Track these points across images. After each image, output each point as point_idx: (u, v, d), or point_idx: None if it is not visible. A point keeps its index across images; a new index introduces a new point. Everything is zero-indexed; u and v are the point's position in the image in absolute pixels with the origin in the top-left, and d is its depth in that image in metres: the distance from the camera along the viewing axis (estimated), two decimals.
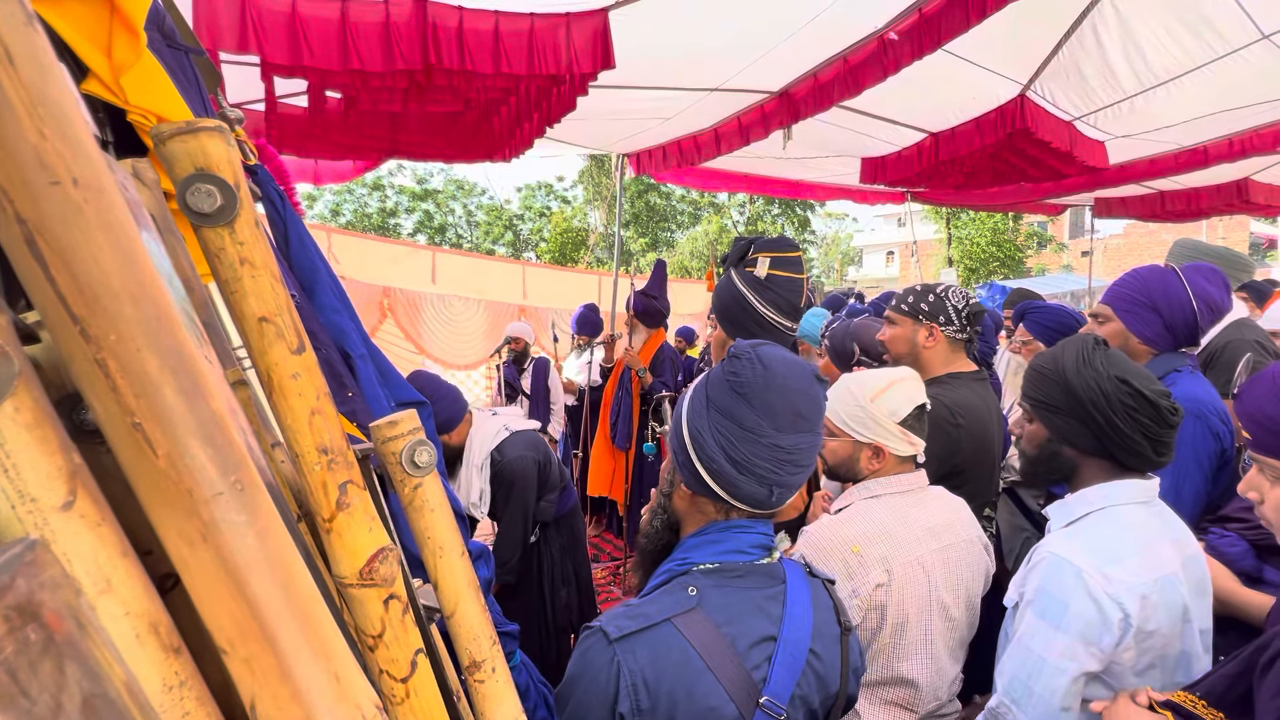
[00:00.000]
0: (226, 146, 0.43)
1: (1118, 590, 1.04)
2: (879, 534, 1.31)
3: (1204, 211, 5.78)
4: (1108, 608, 1.03)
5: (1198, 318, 1.65)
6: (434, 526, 0.56)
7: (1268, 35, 2.97)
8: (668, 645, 0.84)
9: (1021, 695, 1.10)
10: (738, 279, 1.74)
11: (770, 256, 1.70)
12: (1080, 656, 1.05)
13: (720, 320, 1.81)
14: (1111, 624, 1.03)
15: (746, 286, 1.72)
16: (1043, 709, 1.08)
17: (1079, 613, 1.05)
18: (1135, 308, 1.71)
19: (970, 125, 3.90)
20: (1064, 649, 1.06)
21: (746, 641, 0.87)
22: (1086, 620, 1.04)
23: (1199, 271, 1.72)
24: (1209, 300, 1.66)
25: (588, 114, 3.33)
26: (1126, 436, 1.11)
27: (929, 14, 2.66)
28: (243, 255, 0.42)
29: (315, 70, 2.26)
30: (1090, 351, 1.17)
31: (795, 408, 0.89)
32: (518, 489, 2.42)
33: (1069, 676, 1.06)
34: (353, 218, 22.55)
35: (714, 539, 0.95)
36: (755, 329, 1.72)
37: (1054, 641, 1.06)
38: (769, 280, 1.70)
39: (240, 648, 0.30)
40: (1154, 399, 1.10)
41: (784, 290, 1.72)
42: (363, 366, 1.17)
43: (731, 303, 1.75)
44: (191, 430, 0.30)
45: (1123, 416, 1.11)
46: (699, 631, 0.85)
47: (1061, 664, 1.06)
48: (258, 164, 1.14)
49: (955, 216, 17.52)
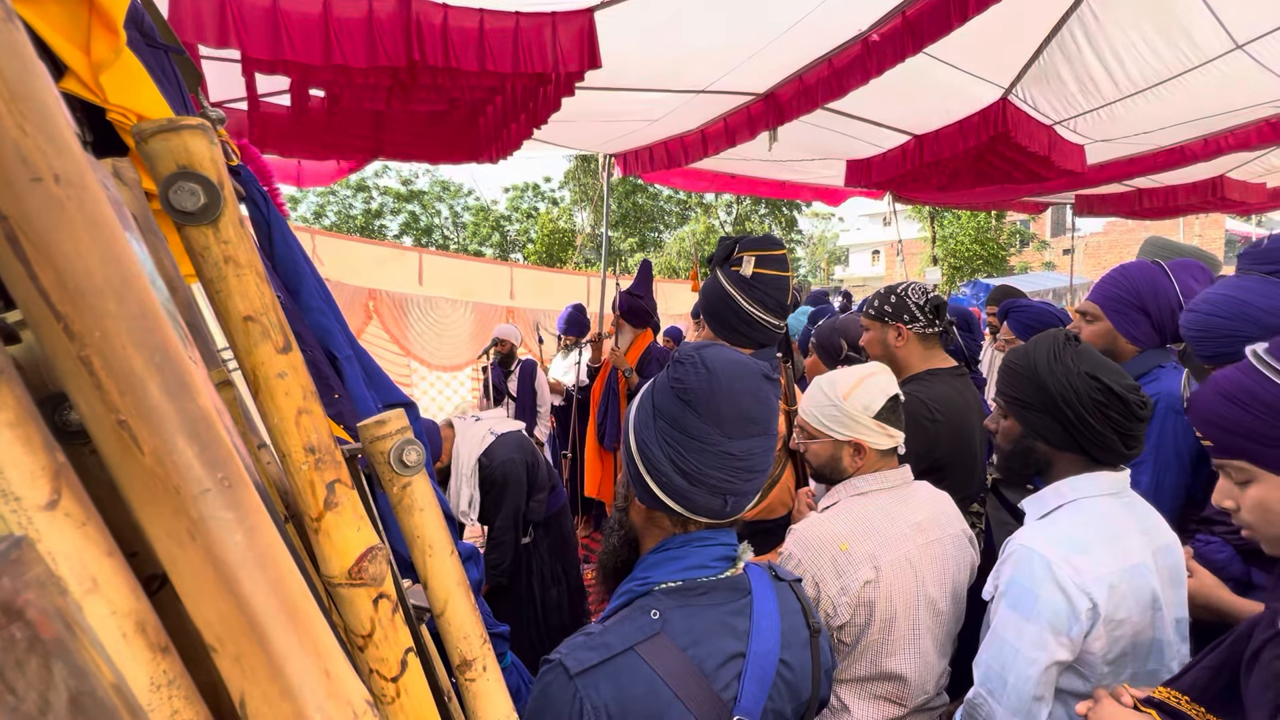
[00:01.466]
0: (209, 144, 0.42)
1: (1085, 580, 1.06)
2: (866, 531, 1.32)
3: (1181, 209, 5.90)
4: (1076, 597, 1.05)
5: None
6: (423, 526, 0.56)
7: (1241, 45, 3.04)
8: (632, 676, 0.79)
9: (996, 686, 1.12)
10: (724, 279, 1.74)
11: (755, 255, 1.70)
12: (1050, 646, 1.07)
13: (707, 320, 1.81)
14: (1080, 613, 1.05)
15: (733, 286, 1.72)
16: (1016, 699, 1.09)
17: (1048, 603, 1.06)
18: (1124, 308, 1.72)
19: (954, 128, 3.95)
20: (1034, 639, 1.07)
21: (714, 662, 0.84)
22: (1055, 610, 1.06)
23: (1186, 270, 1.73)
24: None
25: (575, 115, 3.33)
26: (1097, 431, 1.13)
27: (911, 17, 2.69)
28: (227, 254, 0.42)
29: (297, 65, 2.23)
30: (1061, 348, 1.19)
31: (743, 412, 0.85)
32: (509, 492, 2.42)
33: (1040, 666, 1.07)
34: (337, 219, 22.35)
35: (674, 555, 0.90)
36: (743, 328, 1.72)
37: (1025, 632, 1.08)
38: (755, 279, 1.70)
39: (229, 645, 0.30)
40: (1123, 394, 1.12)
41: (770, 288, 1.71)
42: (349, 368, 1.16)
43: (718, 302, 1.75)
44: (178, 427, 0.30)
45: (1093, 412, 1.13)
46: (664, 658, 0.81)
47: (1033, 654, 1.08)
48: (240, 164, 1.13)
49: (939, 215, 17.71)
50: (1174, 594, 1.18)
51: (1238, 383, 0.87)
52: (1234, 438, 0.85)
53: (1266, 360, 0.85)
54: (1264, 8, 2.80)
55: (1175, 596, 1.18)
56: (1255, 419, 0.83)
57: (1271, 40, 3.01)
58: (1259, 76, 3.33)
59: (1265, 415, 0.82)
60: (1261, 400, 0.83)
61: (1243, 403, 0.85)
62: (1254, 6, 2.80)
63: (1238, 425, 0.85)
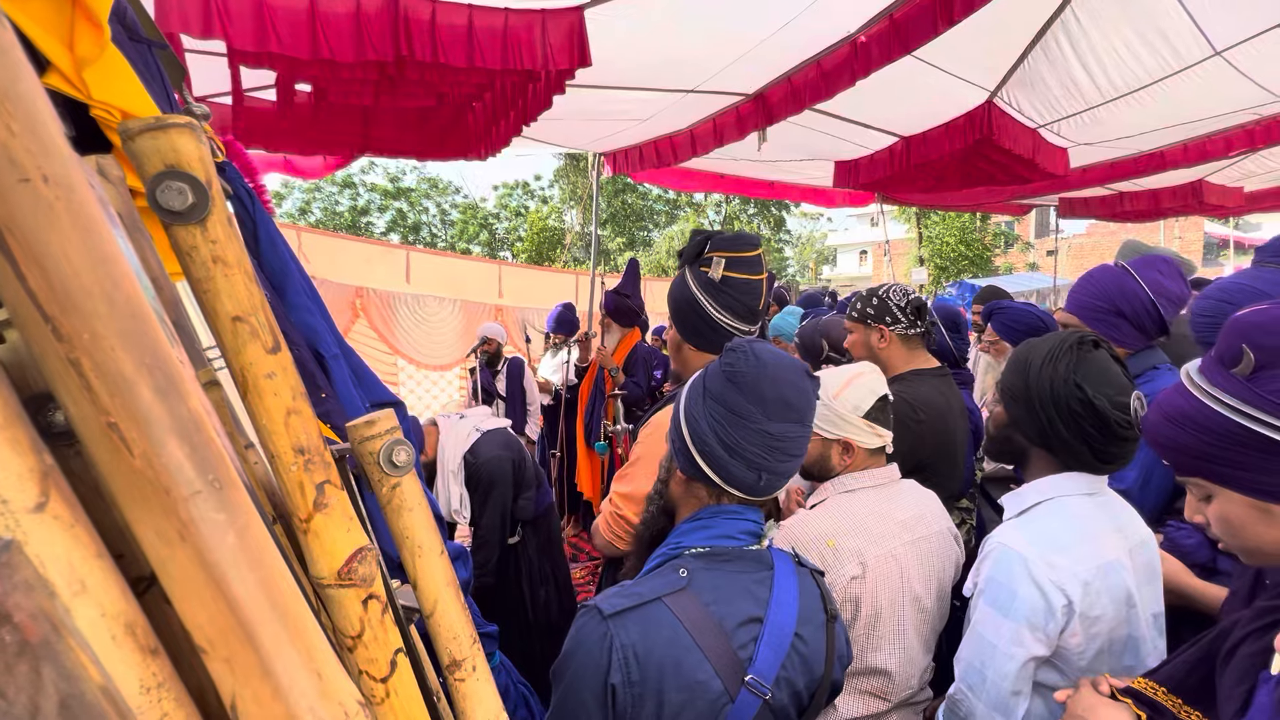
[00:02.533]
0: (198, 143, 0.42)
1: (1061, 577, 1.08)
2: (853, 527, 1.33)
3: (1162, 212, 6.00)
4: (1052, 594, 1.07)
5: (1161, 311, 1.70)
6: (412, 526, 0.56)
7: (1220, 51, 3.09)
8: (658, 622, 0.87)
9: (976, 682, 1.14)
10: (692, 280, 1.59)
11: (726, 257, 1.55)
12: (1028, 642, 1.09)
13: (674, 322, 1.67)
14: (1056, 610, 1.07)
15: (700, 289, 1.57)
16: (995, 694, 1.11)
17: (1025, 599, 1.08)
18: (1101, 315, 1.73)
19: (940, 130, 3.99)
20: (1012, 635, 1.09)
21: (733, 621, 0.91)
22: (1032, 607, 1.08)
23: (1151, 266, 1.74)
24: (1166, 294, 1.70)
25: (564, 113, 3.32)
26: (1065, 439, 1.14)
27: (899, 19, 2.71)
28: (215, 254, 0.42)
29: (283, 59, 2.21)
30: (1063, 351, 1.17)
31: (784, 397, 0.94)
32: (496, 489, 2.41)
33: (1018, 662, 1.09)
34: (323, 216, 22.12)
35: (705, 524, 0.99)
36: (709, 333, 1.59)
37: (1003, 628, 1.10)
38: (724, 283, 1.55)
39: (220, 647, 0.30)
40: (1104, 411, 1.10)
41: (740, 294, 1.56)
42: (336, 367, 1.15)
43: (684, 306, 1.61)
44: (168, 429, 0.30)
45: (1066, 420, 1.13)
46: (688, 610, 0.88)
47: (1010, 650, 1.10)
48: (226, 161, 1.11)
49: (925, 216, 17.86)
50: (1149, 590, 1.20)
51: (1176, 405, 0.86)
52: (1185, 458, 0.85)
53: (1196, 381, 0.85)
54: (1242, 15, 2.86)
55: (1151, 593, 1.20)
56: (1195, 439, 0.83)
57: (1249, 47, 3.07)
58: (1236, 83, 3.39)
59: (1203, 435, 0.82)
60: (1196, 422, 0.82)
61: (1183, 425, 0.84)
62: (1232, 14, 2.85)
63: (1184, 447, 0.84)
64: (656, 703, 0.85)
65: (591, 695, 0.85)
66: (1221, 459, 0.81)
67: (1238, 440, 0.78)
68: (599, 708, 0.84)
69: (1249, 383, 0.78)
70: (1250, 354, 0.77)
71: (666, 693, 0.85)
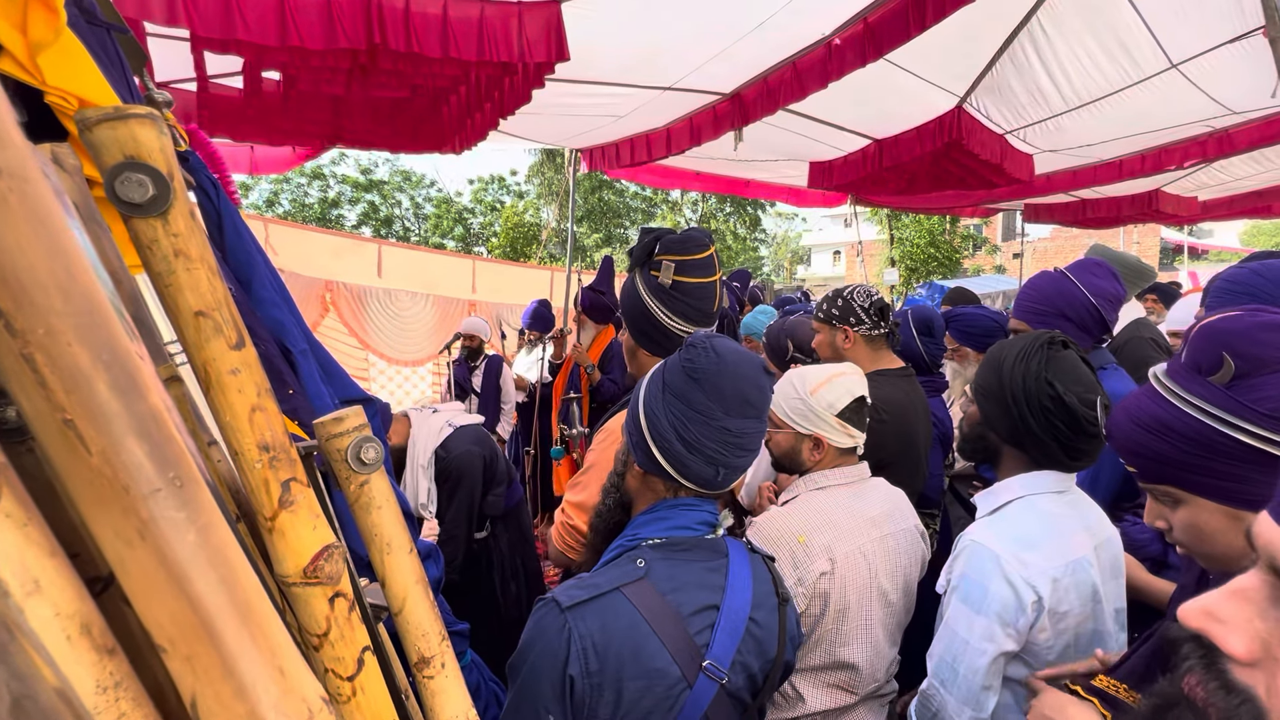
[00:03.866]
0: (158, 134, 0.41)
1: (1031, 574, 1.11)
2: (823, 524, 1.36)
3: (1121, 219, 6.21)
4: (1022, 591, 1.10)
5: (1101, 311, 1.77)
6: (381, 524, 0.55)
7: (1176, 64, 3.22)
8: (616, 612, 0.88)
9: (948, 676, 1.17)
10: (641, 284, 1.53)
11: (675, 261, 1.48)
12: (999, 638, 1.12)
13: (626, 324, 1.61)
14: (1026, 606, 1.10)
15: (650, 294, 1.51)
16: (966, 689, 1.14)
17: (997, 596, 1.11)
18: (1046, 319, 1.80)
19: (911, 133, 4.06)
20: (984, 631, 1.12)
21: (690, 609, 0.92)
22: (1004, 603, 1.11)
23: (1085, 269, 1.82)
24: (1104, 294, 1.77)
25: (541, 108, 3.30)
26: (1036, 436, 1.17)
27: (873, 23, 2.75)
28: (177, 248, 0.41)
29: (250, 46, 2.14)
30: (1034, 350, 1.20)
31: (743, 394, 0.95)
32: (464, 484, 2.39)
33: (989, 657, 1.12)
34: (291, 208, 21.58)
35: (662, 515, 1.00)
36: (661, 339, 1.53)
37: (975, 624, 1.13)
38: (675, 288, 1.48)
39: (181, 645, 0.29)
40: (1074, 408, 1.14)
41: (692, 298, 1.50)
42: (304, 363, 1.13)
43: (634, 311, 1.55)
44: (127, 426, 0.29)
45: (1037, 416, 1.16)
46: (646, 599, 0.89)
47: (982, 645, 1.13)
48: (189, 150, 1.08)
49: (896, 218, 18.17)
50: (1113, 586, 1.24)
51: (1147, 409, 0.84)
52: (1155, 465, 0.83)
53: (1166, 383, 0.83)
54: (1197, 30, 2.97)
55: (1114, 588, 1.24)
56: (1169, 446, 0.81)
57: (1203, 61, 3.19)
58: (1191, 95, 3.53)
59: (1178, 442, 0.80)
60: (1172, 429, 0.80)
61: (1155, 431, 0.82)
62: (1188, 28, 2.96)
63: (1154, 453, 0.82)
64: (615, 692, 0.86)
65: (550, 686, 0.85)
66: (1199, 468, 0.79)
67: (1215, 449, 0.77)
68: (557, 699, 0.85)
69: (1229, 391, 0.77)
70: (1230, 362, 0.76)
71: (625, 681, 0.86)
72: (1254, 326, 0.78)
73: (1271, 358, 0.76)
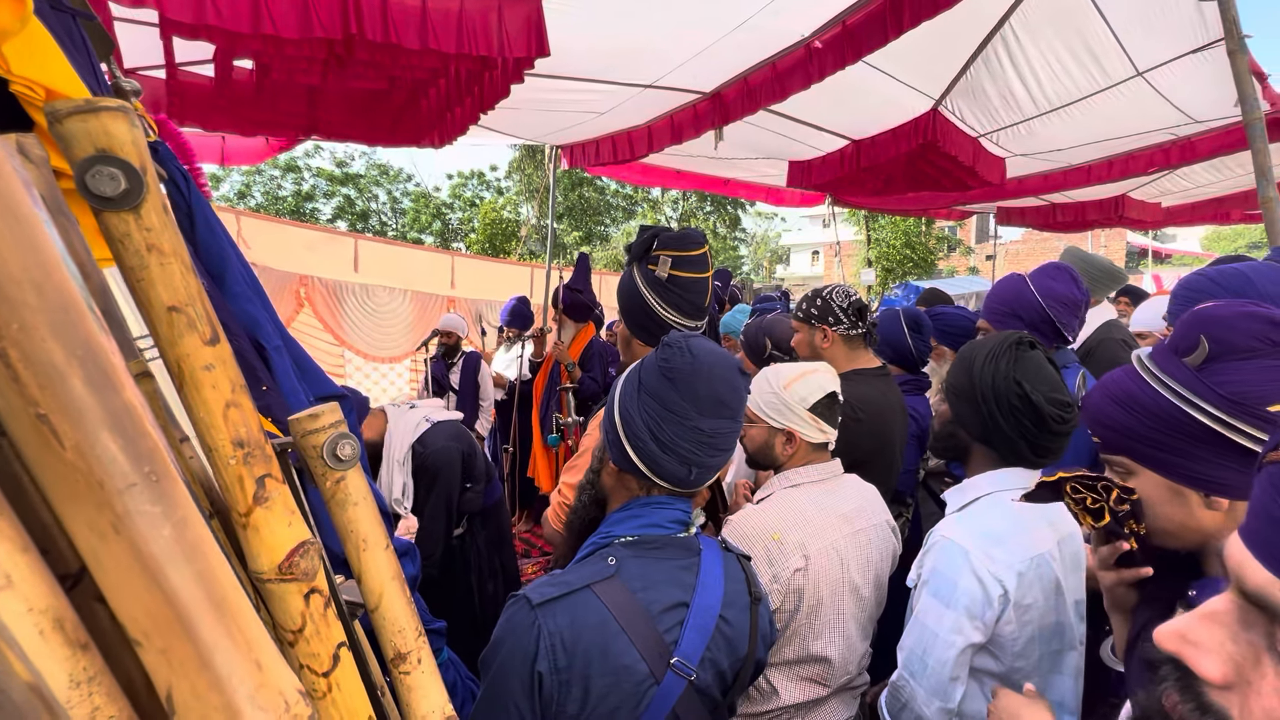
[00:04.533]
0: (131, 127, 0.41)
1: (998, 569, 1.15)
2: (797, 521, 1.38)
3: (1089, 223, 6.38)
4: (990, 585, 1.14)
5: (1052, 314, 1.82)
6: (357, 520, 0.55)
7: (1141, 72, 3.31)
8: (586, 609, 0.89)
9: (918, 668, 1.20)
10: (639, 277, 1.62)
11: (673, 256, 1.59)
12: (967, 630, 1.16)
13: (622, 315, 1.71)
14: (993, 600, 1.14)
15: (647, 287, 1.60)
16: (935, 680, 1.18)
17: (966, 590, 1.15)
18: (1003, 319, 1.88)
19: (888, 135, 4.12)
20: (953, 624, 1.16)
21: (660, 606, 0.93)
22: (972, 597, 1.15)
23: (1043, 273, 1.88)
24: (1056, 296, 1.82)
25: (521, 103, 3.28)
26: (1005, 434, 1.22)
27: (852, 26, 2.79)
28: (150, 242, 0.41)
29: (222, 32, 2.08)
30: (1003, 350, 1.25)
31: (718, 395, 0.96)
32: (441, 480, 2.36)
33: (957, 649, 1.16)
34: (264, 200, 21.12)
35: (635, 514, 1.01)
36: (655, 329, 1.62)
37: (944, 618, 1.17)
38: (670, 281, 1.59)
39: (156, 639, 0.29)
40: (1040, 406, 1.18)
41: (686, 292, 1.60)
42: (278, 359, 1.12)
43: (632, 302, 1.64)
44: (102, 421, 0.29)
45: (1006, 415, 1.20)
46: (616, 597, 0.90)
47: (951, 638, 1.16)
48: (158, 140, 1.06)
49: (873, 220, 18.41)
50: (1074, 579, 1.28)
51: (1123, 385, 0.89)
52: (1117, 436, 0.89)
53: (1148, 365, 0.88)
54: (1162, 39, 3.07)
55: (1075, 581, 1.29)
56: (1135, 420, 0.85)
57: (1167, 70, 3.29)
58: (1156, 103, 3.64)
59: (1144, 418, 0.84)
60: (1141, 404, 0.85)
61: (1126, 405, 0.87)
62: (1153, 38, 3.05)
63: (1120, 425, 0.88)
64: (583, 688, 0.86)
65: (518, 682, 0.86)
66: (1153, 441, 0.84)
67: (1175, 426, 0.81)
68: (525, 695, 0.86)
69: (1198, 373, 0.81)
70: (1206, 344, 0.80)
71: (593, 678, 0.87)
72: (1235, 314, 0.81)
73: (1243, 344, 0.79)
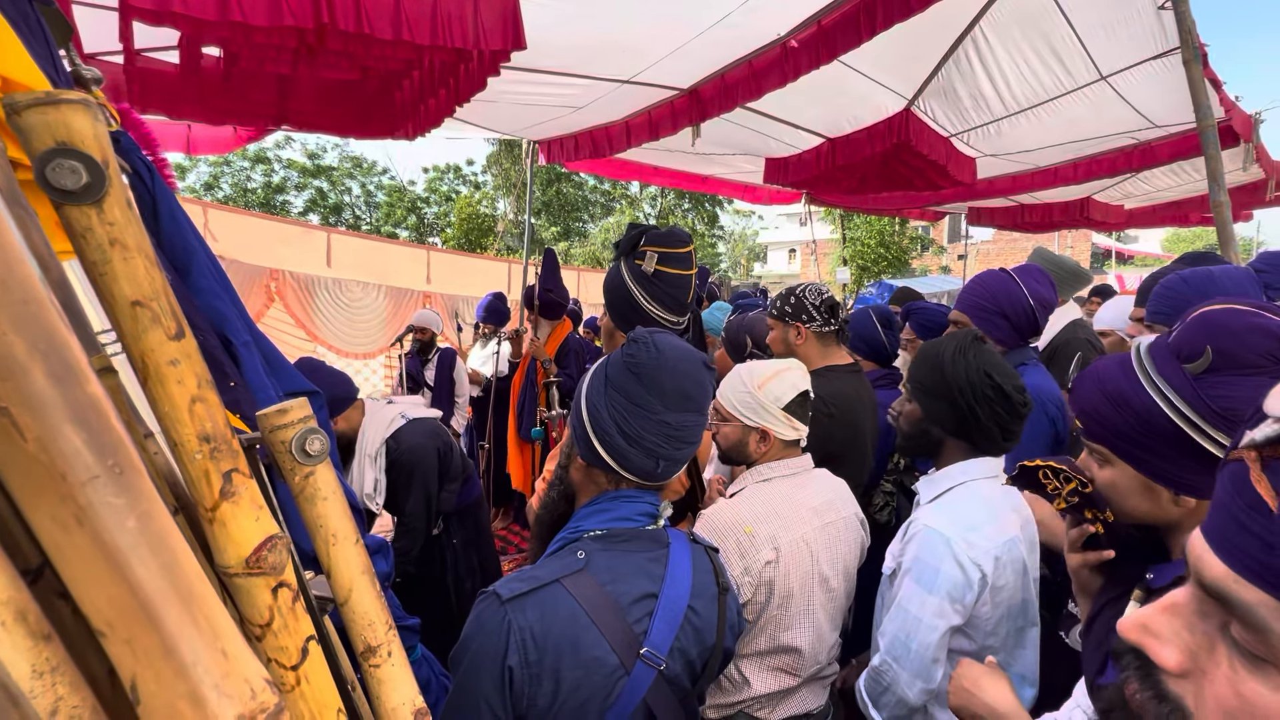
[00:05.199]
0: (93, 121, 0.40)
1: (977, 554, 1.20)
2: (768, 515, 1.41)
3: (1055, 224, 6.56)
4: (970, 570, 1.19)
5: (1035, 315, 1.89)
6: (327, 515, 0.55)
7: (1105, 76, 3.41)
8: (555, 603, 0.90)
9: (901, 653, 1.25)
10: (626, 272, 1.68)
11: (659, 252, 1.65)
12: (948, 614, 1.21)
13: (608, 310, 1.77)
14: (973, 583, 1.20)
15: (634, 281, 1.66)
16: (919, 662, 1.23)
17: (948, 576, 1.20)
18: (986, 314, 1.92)
19: (862, 133, 4.18)
20: (936, 609, 1.21)
21: (629, 598, 0.94)
22: (954, 582, 1.20)
23: (1030, 274, 1.95)
24: (1041, 299, 1.90)
25: (497, 96, 3.26)
26: (982, 423, 1.27)
27: (827, 26, 2.82)
28: (113, 236, 0.40)
29: (187, 19, 2.02)
30: (967, 345, 1.31)
31: (683, 389, 0.98)
32: (418, 477, 2.34)
33: (939, 632, 1.21)
34: (232, 192, 20.59)
35: (604, 507, 1.02)
36: (641, 323, 1.65)
37: (927, 603, 1.21)
38: (656, 276, 1.65)
39: (120, 629, 0.30)
40: (1010, 393, 1.26)
41: (671, 287, 1.66)
42: (246, 354, 1.10)
43: (618, 296, 1.70)
44: (64, 414, 0.29)
45: (983, 405, 1.26)
46: (585, 590, 0.91)
47: (934, 622, 1.21)
48: (120, 130, 1.04)
49: (848, 219, 18.64)
50: (1033, 558, 1.36)
51: (1116, 382, 0.87)
52: (1100, 429, 0.89)
53: (1145, 365, 0.84)
54: (1124, 45, 3.16)
55: (1033, 560, 1.36)
56: (1121, 419, 0.84)
57: (1129, 75, 3.40)
58: (1119, 107, 3.75)
59: (1130, 417, 0.83)
60: (1130, 404, 0.84)
61: (1115, 402, 0.86)
62: (1116, 42, 3.15)
63: (1105, 420, 0.87)
64: (553, 681, 0.87)
65: (489, 678, 0.87)
66: (1138, 442, 0.83)
67: (1160, 432, 0.80)
68: (496, 690, 0.86)
69: (1195, 382, 0.78)
70: (1210, 355, 0.77)
71: (563, 670, 0.88)
72: (1246, 327, 0.78)
73: (1249, 360, 0.76)
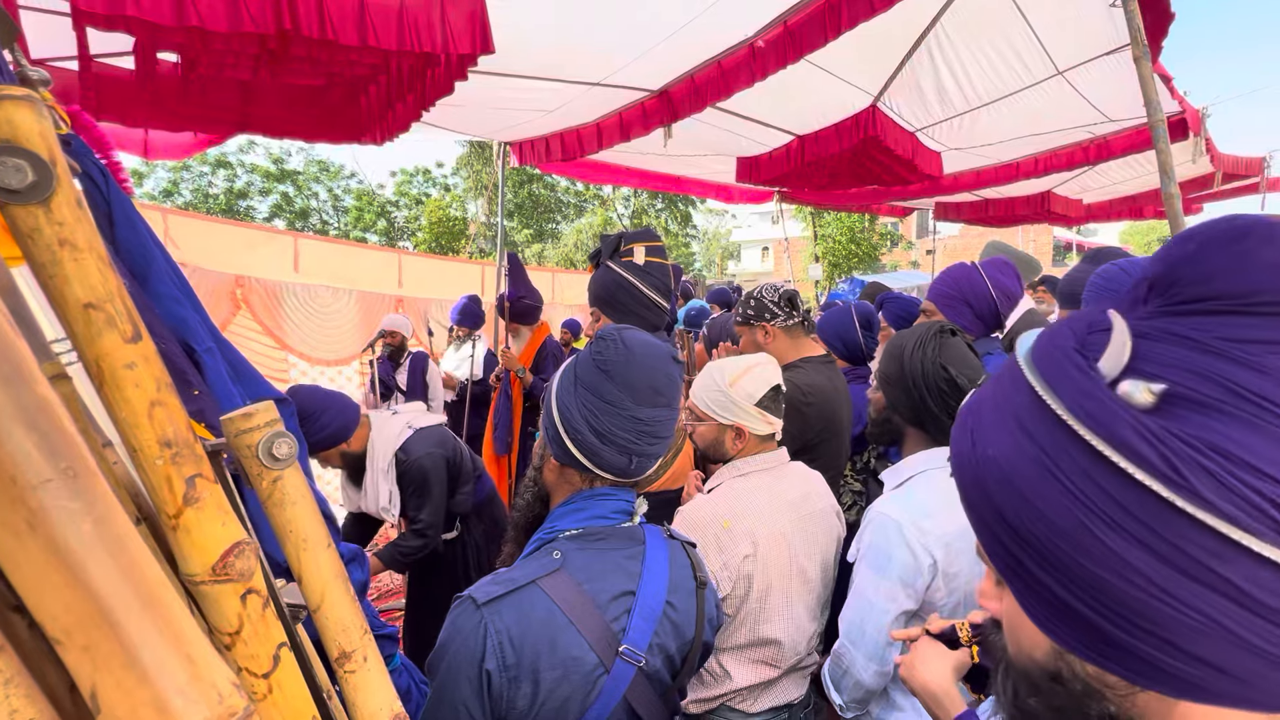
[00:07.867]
0: (37, 118, 0.39)
1: (929, 540, 1.22)
2: (746, 509, 1.42)
3: (1018, 219, 6.73)
4: (920, 555, 1.22)
5: (998, 305, 1.95)
6: (296, 520, 0.54)
7: (1061, 71, 3.52)
8: (532, 604, 0.89)
9: (856, 636, 1.27)
10: (619, 268, 1.82)
11: (644, 246, 1.83)
12: (900, 598, 1.23)
13: (604, 309, 1.86)
14: (924, 568, 1.22)
15: (629, 273, 1.81)
16: (872, 645, 1.25)
17: (899, 560, 1.22)
18: (952, 303, 1.99)
19: (831, 130, 4.24)
20: (888, 593, 1.23)
21: (607, 596, 0.94)
22: (904, 566, 1.22)
23: (994, 266, 2.03)
24: (1005, 290, 1.97)
25: (467, 100, 3.23)
26: (935, 415, 1.30)
27: (793, 26, 2.86)
28: (62, 236, 0.39)
29: (142, 24, 1.96)
30: (929, 338, 1.33)
31: (653, 384, 0.98)
32: (428, 487, 2.36)
33: (891, 616, 1.23)
34: (193, 198, 20.05)
35: (579, 506, 1.01)
36: (640, 310, 1.82)
37: (880, 587, 1.24)
38: (648, 266, 1.82)
39: (78, 636, 0.29)
40: (965, 388, 1.28)
41: (660, 275, 1.84)
42: (210, 361, 1.07)
43: (615, 290, 1.82)
44: (13, 417, 0.28)
45: (934, 396, 1.29)
46: (562, 591, 0.90)
47: (886, 605, 1.23)
48: (71, 133, 1.00)
49: (819, 216, 18.89)
50: None
51: None
52: None
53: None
54: (1079, 41, 3.26)
55: None
56: None
57: (1084, 70, 3.51)
58: (1075, 101, 3.87)
59: None
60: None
61: None
62: (1071, 39, 3.25)
63: None
64: (532, 683, 0.87)
65: (467, 683, 0.86)
66: None
67: None
68: (475, 695, 0.86)
69: None
70: None
71: (542, 671, 0.87)
72: None
73: None
